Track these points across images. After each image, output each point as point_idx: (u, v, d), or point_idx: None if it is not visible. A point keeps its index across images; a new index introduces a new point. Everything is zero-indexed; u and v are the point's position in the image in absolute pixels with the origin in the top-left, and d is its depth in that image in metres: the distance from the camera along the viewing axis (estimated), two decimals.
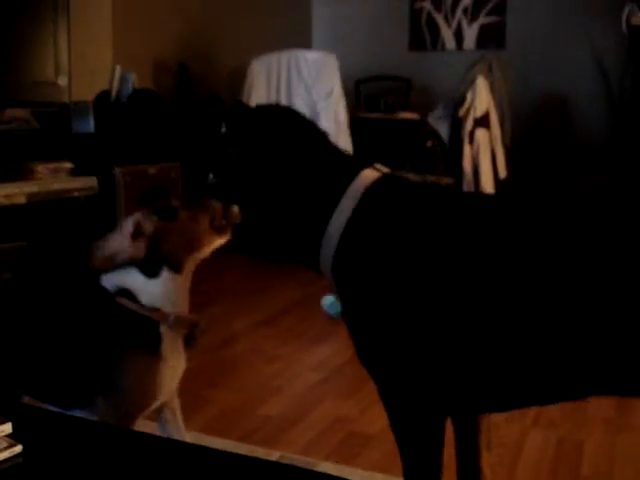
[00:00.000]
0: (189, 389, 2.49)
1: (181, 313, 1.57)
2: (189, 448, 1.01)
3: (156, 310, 1.52)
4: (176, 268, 1.54)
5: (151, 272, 1.52)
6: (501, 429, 2.20)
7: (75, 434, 0.97)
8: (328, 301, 3.26)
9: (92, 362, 1.50)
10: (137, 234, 1.51)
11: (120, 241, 1.51)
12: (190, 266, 1.58)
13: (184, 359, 1.63)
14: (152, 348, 1.52)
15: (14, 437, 0.91)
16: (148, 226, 1.52)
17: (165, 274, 1.53)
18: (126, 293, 1.52)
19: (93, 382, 1.50)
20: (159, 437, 1.02)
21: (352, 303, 1.35)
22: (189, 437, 1.75)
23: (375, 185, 1.37)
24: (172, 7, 4.58)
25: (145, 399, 1.54)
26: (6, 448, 0.89)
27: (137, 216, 1.53)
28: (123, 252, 1.51)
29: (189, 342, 1.63)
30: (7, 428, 0.91)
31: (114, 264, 1.52)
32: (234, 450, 1.91)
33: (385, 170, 1.45)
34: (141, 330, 1.51)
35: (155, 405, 1.58)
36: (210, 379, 2.59)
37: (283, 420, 2.25)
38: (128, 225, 1.52)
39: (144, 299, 1.52)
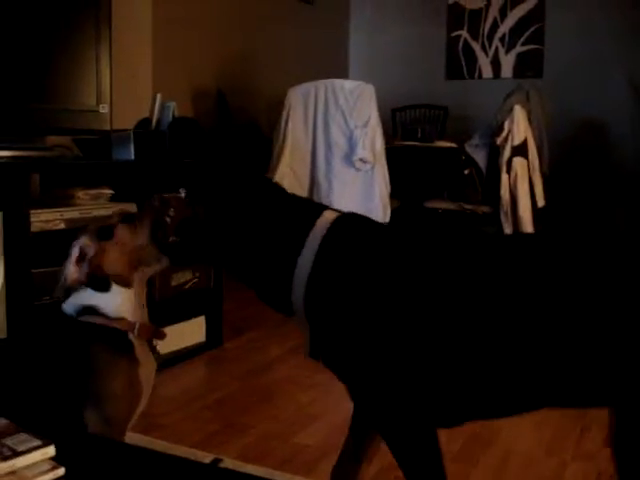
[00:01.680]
0: (225, 416, 2.50)
1: (143, 321, 1.64)
2: (227, 474, 1.01)
3: (121, 320, 1.60)
4: (123, 283, 1.61)
5: (100, 288, 1.59)
6: (541, 463, 2.16)
7: (116, 458, 0.97)
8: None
9: (76, 377, 1.56)
10: (82, 258, 1.59)
11: (69, 268, 1.60)
12: (139, 279, 1.64)
13: (154, 364, 1.70)
14: (127, 353, 1.59)
15: (57, 460, 0.91)
16: (89, 248, 1.59)
17: (116, 288, 1.60)
18: (90, 310, 1.59)
19: (79, 395, 1.54)
20: (199, 463, 1.02)
21: (327, 336, 1.42)
22: (228, 463, 1.75)
23: (335, 225, 1.42)
24: (211, 37, 4.65)
25: (130, 402, 1.59)
26: (49, 470, 0.90)
27: (80, 240, 1.62)
28: (72, 278, 1.60)
29: (152, 349, 1.70)
30: (50, 450, 0.92)
31: (73, 290, 1.62)
32: (270, 477, 1.90)
33: (341, 211, 1.50)
34: (113, 339, 1.58)
35: (139, 410, 1.63)
36: (246, 406, 2.59)
37: (319, 449, 2.23)
38: (74, 250, 1.60)
39: (108, 312, 1.59)
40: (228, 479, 0.99)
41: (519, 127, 4.15)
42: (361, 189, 3.80)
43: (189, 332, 3.18)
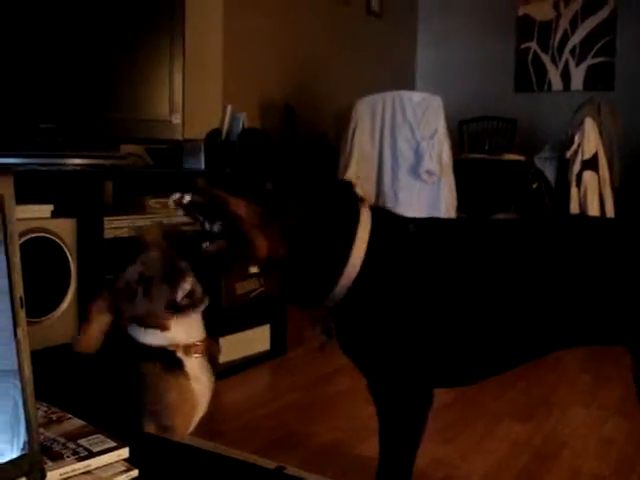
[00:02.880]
0: (287, 424, 2.51)
1: (189, 341, 1.69)
2: None
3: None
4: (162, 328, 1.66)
5: None
6: None
7: (187, 460, 0.99)
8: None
9: (133, 393, 1.61)
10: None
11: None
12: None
13: (211, 378, 1.75)
14: (177, 370, 1.65)
15: (131, 461, 0.94)
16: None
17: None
18: None
19: (137, 409, 1.60)
20: (265, 468, 1.04)
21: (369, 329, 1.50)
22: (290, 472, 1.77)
23: (376, 225, 1.48)
24: (280, 49, 4.71)
25: (186, 413, 1.64)
26: (123, 472, 0.92)
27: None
28: None
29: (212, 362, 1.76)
30: (125, 452, 0.95)
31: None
32: None
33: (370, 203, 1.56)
34: (163, 358, 1.64)
35: (196, 419, 1.69)
36: (308, 415, 2.60)
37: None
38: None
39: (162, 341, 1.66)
40: None
41: (589, 140, 4.08)
42: (427, 201, 3.79)
43: (254, 340, 3.22)
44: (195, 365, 1.69)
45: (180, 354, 1.67)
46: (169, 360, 1.65)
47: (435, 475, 2.14)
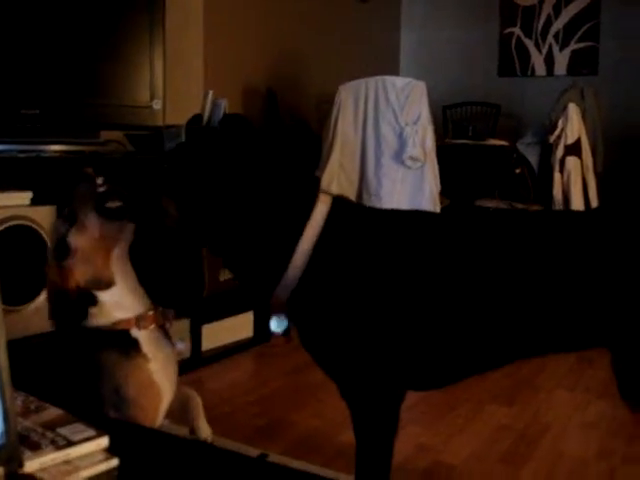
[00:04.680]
0: (271, 411, 2.51)
1: (142, 311, 1.60)
2: (274, 469, 1.02)
3: (118, 322, 1.55)
4: (106, 284, 1.57)
5: (88, 304, 1.56)
6: (590, 466, 2.13)
7: (170, 450, 0.98)
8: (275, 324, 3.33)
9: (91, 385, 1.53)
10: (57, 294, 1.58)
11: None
12: (118, 267, 1.58)
13: (170, 349, 1.66)
14: (134, 353, 1.55)
15: (111, 450, 0.93)
16: (59, 277, 1.56)
17: (100, 295, 1.57)
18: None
19: (98, 401, 1.52)
20: (247, 456, 1.03)
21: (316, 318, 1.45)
22: (274, 459, 1.76)
23: (332, 215, 1.44)
24: (262, 34, 4.67)
25: (150, 399, 1.56)
26: (103, 461, 0.91)
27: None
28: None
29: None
30: (104, 441, 0.93)
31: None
32: (315, 474, 1.90)
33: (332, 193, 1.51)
34: (117, 341, 1.54)
35: (165, 405, 1.61)
36: (292, 402, 2.60)
37: None
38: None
39: (101, 324, 1.55)
40: (275, 473, 0.99)
41: (573, 125, 4.08)
42: (411, 187, 3.78)
43: (237, 327, 3.21)
44: (152, 341, 1.59)
45: (134, 331, 1.56)
46: (124, 343, 1.55)
47: (420, 461, 2.14)
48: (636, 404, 1.50)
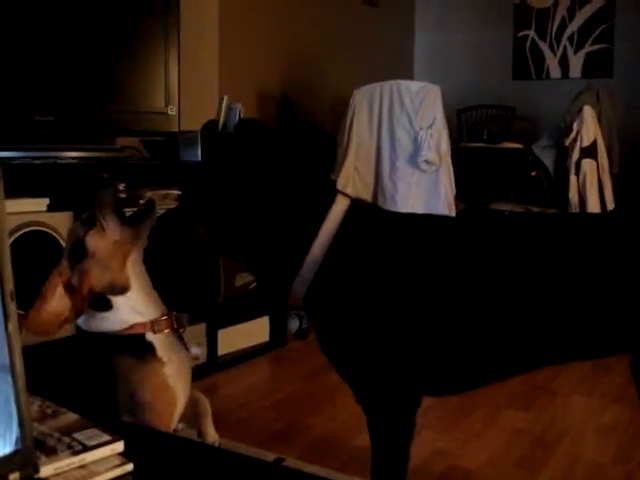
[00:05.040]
0: (287, 416, 2.51)
1: (157, 315, 1.60)
2: (290, 473, 1.02)
3: (132, 326, 1.56)
4: (120, 290, 1.57)
5: (102, 308, 1.56)
6: (607, 471, 2.11)
7: (185, 455, 0.98)
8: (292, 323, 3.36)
9: (104, 390, 1.53)
10: (70, 288, 1.56)
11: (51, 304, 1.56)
12: (134, 272, 1.58)
13: (187, 356, 1.67)
14: (149, 357, 1.55)
15: (126, 455, 0.93)
16: (73, 277, 1.56)
17: (115, 300, 1.57)
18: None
19: (113, 406, 1.53)
20: (263, 461, 1.03)
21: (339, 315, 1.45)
22: (290, 463, 1.76)
23: (349, 215, 1.44)
24: (276, 39, 4.69)
25: (165, 404, 1.56)
26: (118, 466, 0.91)
27: (58, 269, 1.58)
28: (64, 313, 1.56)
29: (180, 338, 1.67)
30: (119, 446, 0.94)
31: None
32: (331, 478, 1.90)
33: (350, 195, 1.52)
34: (132, 346, 1.55)
35: (180, 409, 1.61)
36: (308, 406, 2.60)
37: None
38: (50, 287, 1.57)
39: (116, 329, 1.56)
40: (291, 478, 1.00)
41: (588, 128, 4.06)
42: (426, 190, 3.77)
43: (253, 332, 3.21)
44: (167, 345, 1.59)
45: (149, 335, 1.57)
46: (139, 347, 1.55)
47: (436, 465, 2.13)
48: None
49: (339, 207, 1.44)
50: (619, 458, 2.20)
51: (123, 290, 1.57)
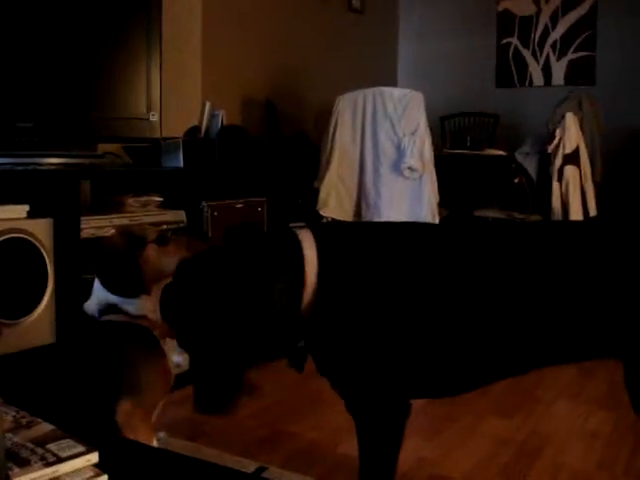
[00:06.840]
0: (271, 423, 2.49)
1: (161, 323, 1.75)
2: None
3: (144, 318, 1.75)
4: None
5: (133, 292, 1.76)
6: (592, 477, 2.11)
7: (160, 466, 0.97)
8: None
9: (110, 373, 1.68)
10: (163, 240, 1.83)
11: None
12: (157, 289, 1.74)
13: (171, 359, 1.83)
14: (154, 347, 1.75)
15: (100, 467, 0.91)
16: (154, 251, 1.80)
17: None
18: (113, 307, 1.75)
19: (113, 389, 1.66)
20: (241, 472, 1.02)
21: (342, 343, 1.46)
22: (273, 471, 1.76)
23: (321, 248, 1.44)
24: (260, 45, 4.68)
25: (160, 391, 1.74)
26: (92, 477, 0.90)
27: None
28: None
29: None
30: (94, 457, 0.92)
31: None
32: None
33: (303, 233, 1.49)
34: (142, 336, 1.74)
35: (164, 399, 1.77)
36: (291, 414, 2.58)
37: None
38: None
39: (130, 309, 1.75)
40: None
41: (571, 135, 4.08)
42: (409, 197, 3.77)
43: None
44: (166, 343, 1.78)
45: (156, 333, 1.76)
46: (148, 339, 1.74)
47: (420, 473, 2.12)
48: None
49: (310, 268, 1.42)
50: (604, 464, 2.19)
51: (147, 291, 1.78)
